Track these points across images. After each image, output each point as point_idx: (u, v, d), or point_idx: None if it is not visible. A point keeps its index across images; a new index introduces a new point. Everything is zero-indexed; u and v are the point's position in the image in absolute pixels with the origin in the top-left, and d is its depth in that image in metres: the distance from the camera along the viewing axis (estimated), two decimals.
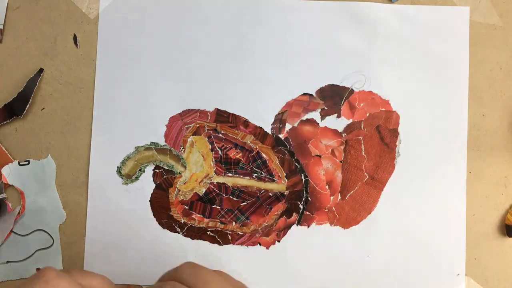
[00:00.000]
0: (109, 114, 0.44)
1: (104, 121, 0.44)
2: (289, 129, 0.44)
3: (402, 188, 0.44)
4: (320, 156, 0.44)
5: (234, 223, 0.44)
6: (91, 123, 0.44)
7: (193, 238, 0.44)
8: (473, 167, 0.44)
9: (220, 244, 0.44)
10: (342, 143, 0.44)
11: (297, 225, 0.44)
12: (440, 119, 0.44)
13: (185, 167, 0.44)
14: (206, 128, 0.44)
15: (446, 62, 0.44)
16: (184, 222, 0.44)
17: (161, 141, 0.44)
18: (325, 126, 0.44)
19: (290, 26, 0.44)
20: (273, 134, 0.44)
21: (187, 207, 0.44)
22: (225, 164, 0.44)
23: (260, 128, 0.44)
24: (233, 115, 0.44)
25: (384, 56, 0.44)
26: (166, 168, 0.44)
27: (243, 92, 0.44)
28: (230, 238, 0.44)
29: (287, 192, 0.44)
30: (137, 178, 0.44)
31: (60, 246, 0.44)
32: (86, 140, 0.44)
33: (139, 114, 0.44)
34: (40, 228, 0.44)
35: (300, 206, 0.44)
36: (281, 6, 0.44)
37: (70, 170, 0.44)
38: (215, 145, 0.44)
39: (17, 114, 0.43)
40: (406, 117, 0.44)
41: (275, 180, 0.44)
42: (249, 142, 0.44)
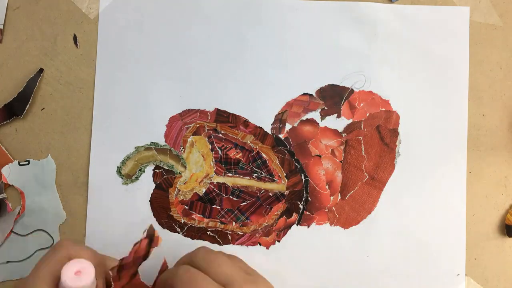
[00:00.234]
0: (109, 114, 0.44)
1: (104, 121, 0.44)
2: (289, 129, 0.44)
3: (402, 188, 0.44)
4: (320, 156, 0.44)
5: (234, 223, 0.44)
6: (91, 123, 0.44)
7: (193, 238, 0.44)
8: (473, 167, 0.44)
9: (220, 244, 0.44)
10: (342, 143, 0.44)
11: (297, 225, 0.44)
12: (440, 119, 0.44)
13: (185, 167, 0.44)
14: (206, 128, 0.44)
15: (446, 62, 0.44)
16: (184, 222, 0.44)
17: (161, 141, 0.44)
18: (325, 126, 0.44)
19: (290, 26, 0.44)
20: (273, 134, 0.44)
21: (187, 207, 0.44)
22: (225, 164, 0.44)
23: (260, 128, 0.44)
24: (233, 115, 0.44)
25: (384, 56, 0.44)
26: (166, 168, 0.44)
27: (243, 92, 0.44)
28: (230, 238, 0.44)
29: (287, 192, 0.44)
30: (137, 178, 0.44)
31: None
32: (86, 140, 0.44)
33: (139, 114, 0.44)
34: (40, 228, 0.44)
35: (300, 206, 0.44)
36: (281, 6, 0.44)
37: (70, 170, 0.44)
38: (215, 145, 0.44)
39: (17, 114, 0.43)
40: (406, 117, 0.44)
41: (275, 180, 0.44)
42: (249, 142, 0.44)
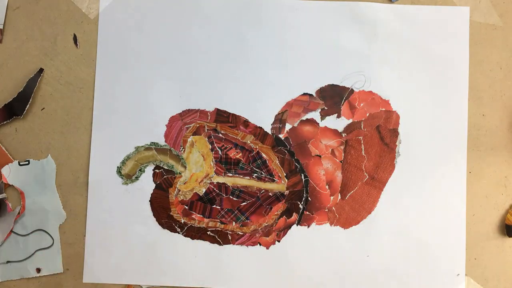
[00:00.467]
0: (109, 114, 0.44)
1: (104, 121, 0.44)
2: (289, 129, 0.44)
3: (402, 188, 0.44)
4: (320, 156, 0.44)
5: (234, 223, 0.44)
6: (91, 123, 0.44)
7: (193, 238, 0.44)
8: (473, 167, 0.44)
9: (220, 244, 0.44)
10: (342, 143, 0.44)
11: (297, 225, 0.44)
12: (440, 119, 0.44)
13: (185, 167, 0.44)
14: (206, 128, 0.44)
15: (446, 62, 0.44)
16: (184, 222, 0.44)
17: (161, 141, 0.44)
18: (325, 126, 0.44)
19: (290, 26, 0.44)
20: (273, 134, 0.44)
21: (187, 207, 0.44)
22: (225, 164, 0.44)
23: (260, 128, 0.44)
24: (233, 115, 0.44)
25: (384, 56, 0.44)
26: (166, 168, 0.44)
27: (243, 92, 0.44)
28: (230, 238, 0.44)
29: (287, 192, 0.44)
30: (137, 178, 0.44)
31: (60, 246, 0.44)
32: (86, 140, 0.44)
33: (139, 114, 0.44)
34: (40, 228, 0.44)
35: (300, 206, 0.44)
36: (281, 6, 0.44)
37: (70, 170, 0.44)
38: (215, 145, 0.44)
39: (17, 114, 0.43)
40: (406, 117, 0.44)
41: (275, 180, 0.44)
42: (249, 142, 0.44)
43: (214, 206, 0.44)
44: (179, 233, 0.44)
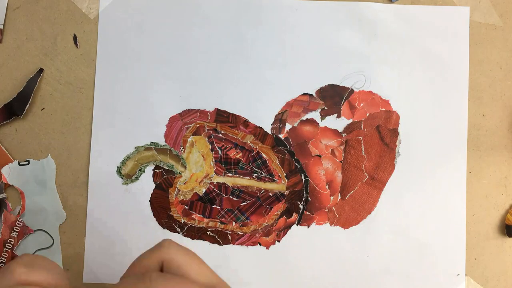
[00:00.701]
0: (109, 114, 0.44)
1: (104, 121, 0.44)
2: (289, 129, 0.44)
3: (402, 188, 0.44)
4: (320, 156, 0.44)
5: (234, 223, 0.44)
6: (91, 123, 0.44)
7: (193, 238, 0.44)
8: (473, 167, 0.44)
9: (220, 244, 0.44)
10: (342, 143, 0.44)
11: (297, 225, 0.44)
12: (440, 119, 0.44)
13: (185, 167, 0.44)
14: (206, 128, 0.44)
15: (446, 62, 0.44)
16: (184, 222, 0.44)
17: (161, 141, 0.44)
18: (325, 126, 0.44)
19: (290, 26, 0.44)
20: (273, 134, 0.44)
21: (187, 207, 0.44)
22: (225, 164, 0.44)
23: (260, 128, 0.44)
24: (233, 115, 0.44)
25: (384, 56, 0.44)
26: (166, 168, 0.44)
27: (243, 92, 0.44)
28: (230, 238, 0.44)
29: (287, 192, 0.44)
30: (137, 178, 0.44)
31: (60, 246, 0.44)
32: (86, 140, 0.44)
33: (139, 114, 0.44)
34: (40, 228, 0.44)
35: (300, 206, 0.44)
36: (281, 6, 0.44)
37: (70, 170, 0.44)
38: (215, 145, 0.44)
39: (17, 114, 0.43)
40: (406, 117, 0.44)
41: (275, 180, 0.44)
42: (249, 142, 0.44)
43: (214, 206, 0.44)
44: (179, 233, 0.44)
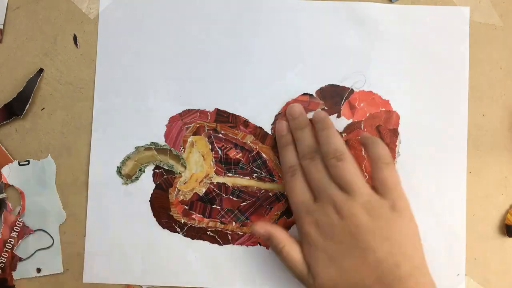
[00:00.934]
0: (109, 114, 0.44)
1: (104, 121, 0.44)
2: None
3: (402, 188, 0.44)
4: None
5: (234, 223, 0.44)
6: (91, 123, 0.44)
7: (193, 238, 0.44)
8: (473, 167, 0.44)
9: (220, 244, 0.44)
10: None
11: None
12: (440, 119, 0.44)
13: (185, 167, 0.44)
14: (206, 128, 0.44)
15: (446, 62, 0.44)
16: (184, 222, 0.44)
17: (161, 141, 0.44)
18: None
19: (290, 26, 0.44)
20: (273, 134, 0.44)
21: (187, 207, 0.44)
22: (225, 164, 0.44)
23: (260, 128, 0.44)
24: (233, 115, 0.44)
25: (384, 56, 0.44)
26: (166, 168, 0.44)
27: (243, 92, 0.44)
28: (230, 238, 0.44)
29: None
30: (137, 178, 0.44)
31: (60, 246, 0.44)
32: (86, 140, 0.44)
33: (139, 114, 0.44)
34: (40, 228, 0.44)
35: None
36: (281, 6, 0.44)
37: (70, 170, 0.44)
38: (215, 145, 0.44)
39: (17, 114, 0.43)
40: (406, 117, 0.44)
41: (275, 180, 0.44)
42: (249, 142, 0.44)
43: (214, 206, 0.44)
44: (179, 233, 0.44)
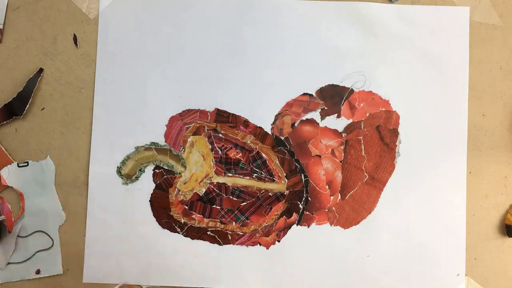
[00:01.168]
0: (109, 114, 0.44)
1: (104, 121, 0.44)
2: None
3: (402, 188, 0.44)
4: (320, 156, 0.44)
5: (234, 223, 0.44)
6: (91, 123, 0.44)
7: (193, 238, 0.44)
8: (473, 167, 0.44)
9: (220, 244, 0.44)
10: (342, 143, 0.44)
11: (297, 225, 0.44)
12: (440, 119, 0.44)
13: (185, 167, 0.44)
14: (206, 128, 0.44)
15: (446, 62, 0.44)
16: (184, 222, 0.44)
17: (161, 141, 0.44)
18: (325, 126, 0.44)
19: (290, 26, 0.44)
20: (273, 134, 0.44)
21: (187, 207, 0.44)
22: (225, 164, 0.44)
23: (260, 128, 0.44)
24: (233, 115, 0.44)
25: (384, 56, 0.44)
26: (166, 168, 0.44)
27: (243, 92, 0.44)
28: (230, 238, 0.44)
29: (287, 192, 0.44)
30: (137, 178, 0.44)
31: (60, 247, 0.44)
32: (86, 140, 0.44)
33: (139, 114, 0.44)
34: (40, 230, 0.44)
35: (300, 206, 0.44)
36: (281, 6, 0.44)
37: (70, 170, 0.44)
38: (215, 145, 0.44)
39: (17, 114, 0.43)
40: (406, 117, 0.44)
41: (275, 180, 0.44)
42: (249, 142, 0.44)
43: (214, 206, 0.44)
44: (179, 233, 0.44)
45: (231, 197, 0.44)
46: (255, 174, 0.44)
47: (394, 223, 0.44)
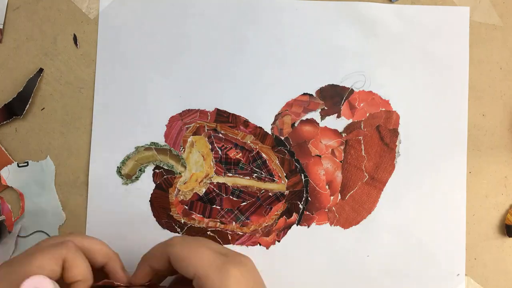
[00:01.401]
0: (109, 114, 0.44)
1: (104, 121, 0.44)
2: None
3: (402, 188, 0.44)
4: (320, 156, 0.44)
5: (234, 223, 0.44)
6: (91, 123, 0.44)
7: None
8: (473, 167, 0.44)
9: (220, 244, 0.44)
10: (342, 143, 0.44)
11: (297, 225, 0.44)
12: (440, 119, 0.44)
13: (185, 167, 0.44)
14: (206, 128, 0.44)
15: (446, 62, 0.44)
16: (184, 222, 0.44)
17: (161, 141, 0.44)
18: (325, 126, 0.44)
19: (290, 26, 0.44)
20: (273, 134, 0.44)
21: (187, 207, 0.44)
22: (225, 164, 0.44)
23: (260, 128, 0.44)
24: (233, 115, 0.44)
25: (384, 56, 0.44)
26: (166, 168, 0.44)
27: (243, 92, 0.44)
28: (230, 238, 0.44)
29: (287, 192, 0.44)
30: (137, 178, 0.44)
31: None
32: (86, 140, 0.44)
33: (139, 114, 0.44)
34: (40, 230, 0.44)
35: (300, 206, 0.44)
36: (281, 6, 0.44)
37: (70, 170, 0.44)
38: (215, 145, 0.44)
39: (17, 114, 0.43)
40: (406, 117, 0.44)
41: (275, 180, 0.44)
42: (249, 142, 0.44)
43: (214, 206, 0.44)
44: (179, 233, 0.44)
45: (231, 197, 0.44)
46: (255, 174, 0.44)
47: (394, 223, 0.44)
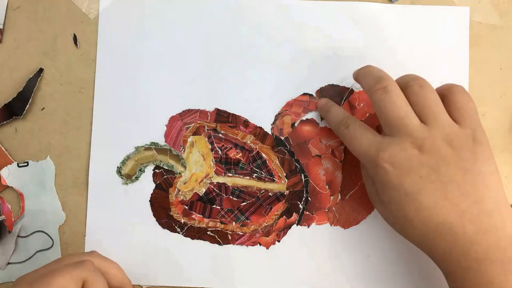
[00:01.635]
0: (109, 114, 0.44)
1: (104, 121, 0.44)
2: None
3: None
4: (320, 156, 0.44)
5: (234, 223, 0.44)
6: (91, 123, 0.44)
7: (193, 238, 0.44)
8: None
9: (220, 244, 0.44)
10: (342, 143, 0.44)
11: (297, 225, 0.44)
12: None
13: (185, 167, 0.44)
14: (206, 128, 0.44)
15: (446, 62, 0.44)
16: (184, 222, 0.44)
17: (161, 141, 0.44)
18: (325, 126, 0.44)
19: (290, 26, 0.44)
20: (273, 134, 0.44)
21: (187, 207, 0.44)
22: (225, 164, 0.44)
23: (260, 128, 0.44)
24: (233, 115, 0.44)
25: (384, 56, 0.44)
26: (166, 168, 0.44)
27: (243, 92, 0.44)
28: (230, 238, 0.44)
29: (287, 192, 0.44)
30: (137, 178, 0.44)
31: (60, 247, 0.44)
32: (86, 140, 0.44)
33: (139, 114, 0.44)
34: (40, 230, 0.44)
35: (300, 206, 0.44)
36: (281, 6, 0.44)
37: (70, 170, 0.44)
38: (215, 145, 0.44)
39: (17, 114, 0.43)
40: None
41: (275, 180, 0.44)
42: (249, 142, 0.44)
43: (214, 206, 0.44)
44: (179, 233, 0.44)
45: (231, 197, 0.44)
46: (255, 174, 0.44)
47: None
